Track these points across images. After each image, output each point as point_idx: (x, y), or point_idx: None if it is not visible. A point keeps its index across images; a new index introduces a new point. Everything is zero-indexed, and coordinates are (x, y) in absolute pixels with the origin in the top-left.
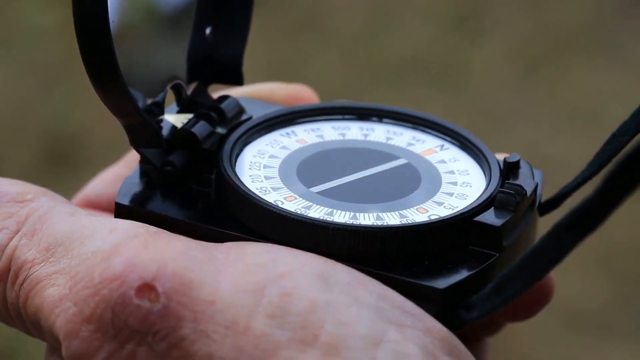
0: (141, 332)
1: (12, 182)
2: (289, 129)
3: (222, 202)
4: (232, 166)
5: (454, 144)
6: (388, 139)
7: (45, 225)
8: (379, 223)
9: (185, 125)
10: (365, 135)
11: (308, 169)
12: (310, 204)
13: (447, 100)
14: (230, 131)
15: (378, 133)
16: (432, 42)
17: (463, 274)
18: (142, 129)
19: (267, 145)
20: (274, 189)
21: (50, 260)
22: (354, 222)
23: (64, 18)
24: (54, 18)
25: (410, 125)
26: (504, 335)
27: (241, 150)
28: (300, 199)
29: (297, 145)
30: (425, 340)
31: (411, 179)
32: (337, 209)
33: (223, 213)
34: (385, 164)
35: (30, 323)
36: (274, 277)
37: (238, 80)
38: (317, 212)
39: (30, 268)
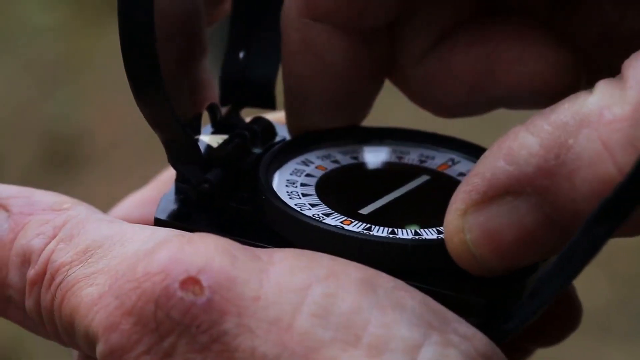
0: (183, 324)
1: (48, 193)
2: (324, 151)
3: (261, 218)
4: (270, 184)
5: (463, 157)
6: (399, 158)
7: (82, 230)
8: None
9: (221, 144)
10: (377, 157)
11: (343, 190)
12: (350, 220)
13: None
14: (266, 151)
15: (386, 154)
16: None
17: (504, 286)
18: (181, 144)
19: (301, 164)
20: (313, 206)
21: (88, 261)
22: (395, 236)
23: (64, 18)
24: (54, 18)
25: (414, 143)
26: None
27: (277, 169)
28: (339, 215)
29: (332, 165)
30: (468, 346)
31: (440, 195)
32: (375, 225)
33: (262, 228)
34: (411, 182)
35: (63, 327)
36: (317, 278)
37: (270, 104)
38: (356, 227)
39: (68, 270)
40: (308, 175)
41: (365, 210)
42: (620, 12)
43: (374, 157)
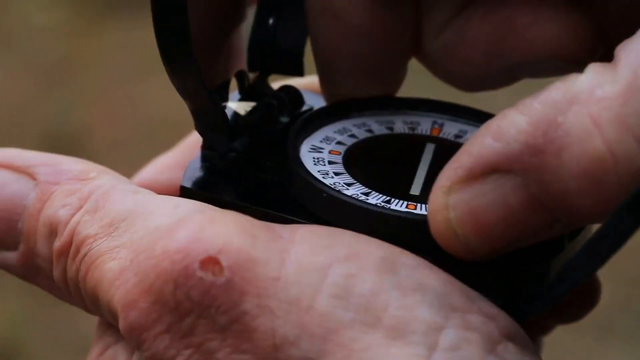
0: (203, 305)
1: (75, 161)
2: (341, 124)
3: (288, 190)
4: (298, 155)
5: (445, 118)
6: (389, 128)
7: (108, 202)
8: None
9: (248, 112)
10: (391, 129)
11: (373, 166)
12: (414, 204)
13: (448, 100)
14: (293, 120)
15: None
16: None
17: (524, 268)
18: (209, 113)
19: (326, 138)
20: (349, 185)
21: (112, 235)
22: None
23: (64, 18)
24: (54, 18)
25: (391, 111)
26: None
27: (304, 139)
28: (378, 194)
29: (351, 141)
30: (489, 326)
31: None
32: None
33: (287, 200)
34: (424, 154)
35: (89, 298)
36: (338, 258)
37: (298, 71)
38: (422, 209)
39: (92, 242)
40: (338, 144)
41: (415, 190)
42: None
43: (382, 129)
